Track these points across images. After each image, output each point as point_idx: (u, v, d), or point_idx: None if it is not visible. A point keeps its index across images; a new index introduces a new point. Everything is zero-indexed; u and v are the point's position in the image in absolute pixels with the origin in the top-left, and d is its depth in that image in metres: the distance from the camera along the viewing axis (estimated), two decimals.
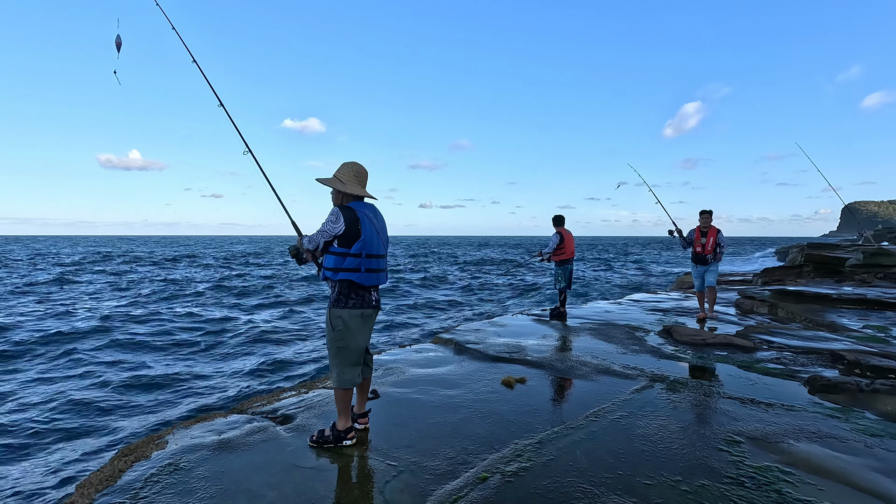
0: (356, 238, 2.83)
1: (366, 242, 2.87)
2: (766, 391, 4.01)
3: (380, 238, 2.98)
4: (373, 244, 2.91)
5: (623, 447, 2.93)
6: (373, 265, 2.93)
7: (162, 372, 8.39)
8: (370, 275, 2.92)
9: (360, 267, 2.87)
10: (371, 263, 2.91)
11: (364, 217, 2.88)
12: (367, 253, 2.88)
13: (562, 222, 7.63)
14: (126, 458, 2.84)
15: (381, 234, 3.00)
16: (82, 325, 12.23)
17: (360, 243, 2.84)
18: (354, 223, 2.83)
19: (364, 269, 2.88)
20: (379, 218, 3.04)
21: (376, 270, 2.96)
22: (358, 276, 2.87)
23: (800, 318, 7.40)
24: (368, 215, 2.92)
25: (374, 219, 2.97)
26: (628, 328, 6.67)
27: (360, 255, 2.86)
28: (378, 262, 2.97)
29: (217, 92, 3.76)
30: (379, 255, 2.97)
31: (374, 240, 2.92)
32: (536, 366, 4.76)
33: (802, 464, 2.72)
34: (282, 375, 8.29)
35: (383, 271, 3.04)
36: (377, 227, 2.96)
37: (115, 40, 3.81)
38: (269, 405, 3.71)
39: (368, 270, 2.90)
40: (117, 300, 17.44)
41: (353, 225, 2.82)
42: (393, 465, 2.71)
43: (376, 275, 2.97)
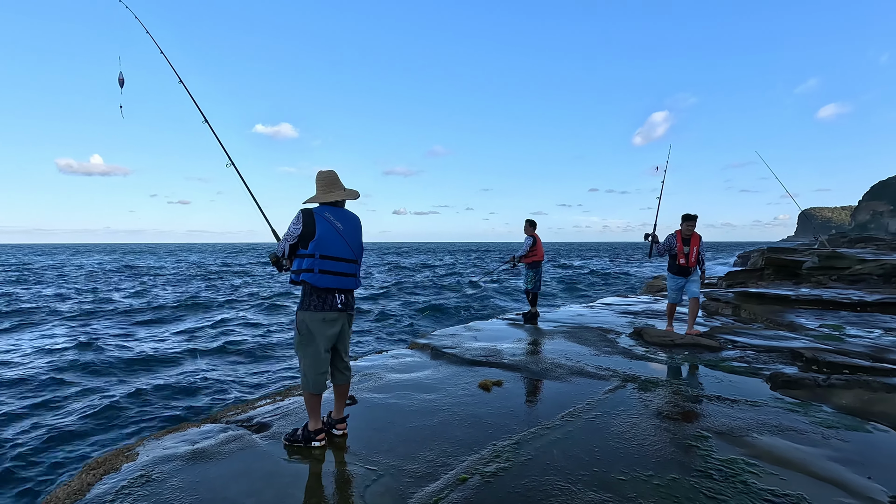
0: (311, 238, 2.85)
1: (319, 242, 2.85)
2: (731, 388, 4.18)
3: (342, 240, 2.94)
4: (329, 245, 2.88)
5: (598, 445, 3.01)
6: (330, 266, 2.88)
7: (130, 385, 8.10)
8: (326, 276, 2.88)
9: (313, 267, 2.85)
10: (327, 265, 2.88)
11: (320, 217, 2.88)
12: (322, 253, 2.86)
13: (535, 226, 7.80)
14: (94, 471, 2.75)
15: (346, 236, 2.97)
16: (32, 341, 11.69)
17: (313, 243, 2.84)
18: (310, 223, 2.85)
19: (318, 270, 2.85)
20: (346, 221, 3.00)
21: (335, 273, 2.91)
22: (311, 276, 2.85)
23: (761, 318, 7.73)
24: (328, 217, 2.90)
25: (336, 221, 2.94)
26: (601, 330, 6.83)
27: (313, 255, 2.85)
28: (338, 264, 2.92)
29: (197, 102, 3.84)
30: (340, 258, 2.93)
31: (331, 240, 2.88)
32: (512, 369, 4.83)
33: (766, 456, 2.86)
34: (258, 384, 8.12)
35: (349, 276, 2.99)
36: (339, 230, 2.92)
37: (119, 77, 4.01)
38: (244, 414, 3.65)
39: (324, 272, 2.87)
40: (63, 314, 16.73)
41: (309, 224, 2.85)
42: (373, 470, 2.71)
43: (336, 277, 2.91)
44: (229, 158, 3.61)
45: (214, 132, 3.78)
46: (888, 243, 24.10)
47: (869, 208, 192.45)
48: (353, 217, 3.09)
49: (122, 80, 4.05)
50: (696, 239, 6.38)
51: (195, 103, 3.90)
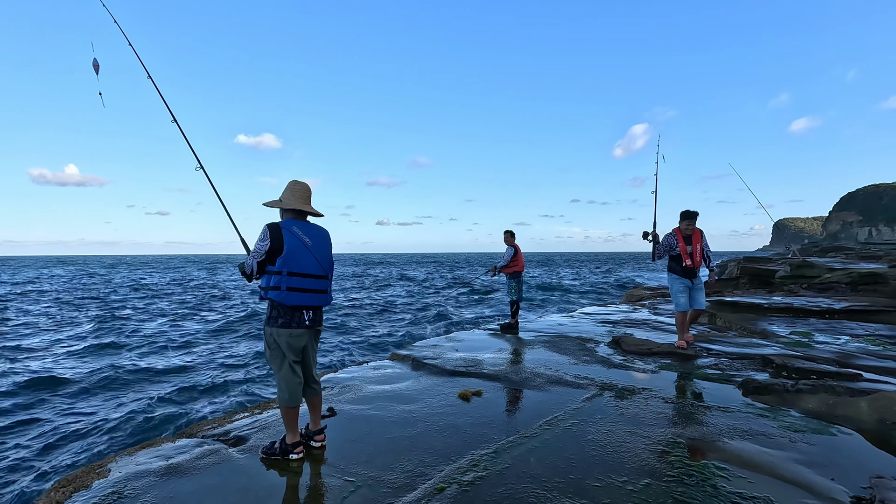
0: (279, 254, 2.78)
1: (287, 258, 2.78)
2: (705, 395, 4.28)
3: (311, 256, 2.88)
4: (297, 261, 2.82)
5: (574, 453, 3.06)
6: (297, 283, 2.83)
7: (100, 400, 7.89)
8: (294, 294, 2.82)
9: (280, 285, 2.78)
10: (295, 282, 2.81)
11: (289, 233, 2.81)
12: (290, 270, 2.79)
13: (514, 237, 7.93)
14: (64, 489, 2.69)
15: (316, 252, 2.91)
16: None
17: (280, 259, 2.77)
18: (278, 238, 2.77)
19: (285, 288, 2.79)
20: (315, 236, 2.95)
21: (304, 290, 2.85)
22: (277, 294, 2.79)
23: (736, 326, 7.92)
24: (295, 231, 2.84)
25: (304, 236, 2.87)
26: (580, 340, 6.92)
27: (280, 272, 2.78)
28: (307, 281, 2.87)
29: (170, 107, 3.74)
30: (308, 275, 2.87)
31: (299, 257, 2.82)
32: (492, 379, 4.86)
33: (735, 460, 2.94)
34: (235, 398, 7.98)
35: (318, 292, 2.94)
36: (307, 245, 2.86)
37: (93, 63, 3.87)
38: (221, 427, 3.60)
39: (291, 289, 2.81)
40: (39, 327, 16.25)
41: (277, 240, 2.77)
42: (350, 481, 2.70)
43: (304, 294, 2.86)
44: (198, 161, 3.48)
45: (183, 132, 3.67)
46: (856, 252, 24.97)
47: (839, 219, 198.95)
48: (321, 231, 3.04)
49: (96, 66, 3.90)
50: (698, 235, 5.98)
51: (164, 101, 3.75)
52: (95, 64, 3.90)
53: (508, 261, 7.80)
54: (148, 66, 3.95)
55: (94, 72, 3.91)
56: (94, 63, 3.89)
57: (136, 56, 4.00)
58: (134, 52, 4.01)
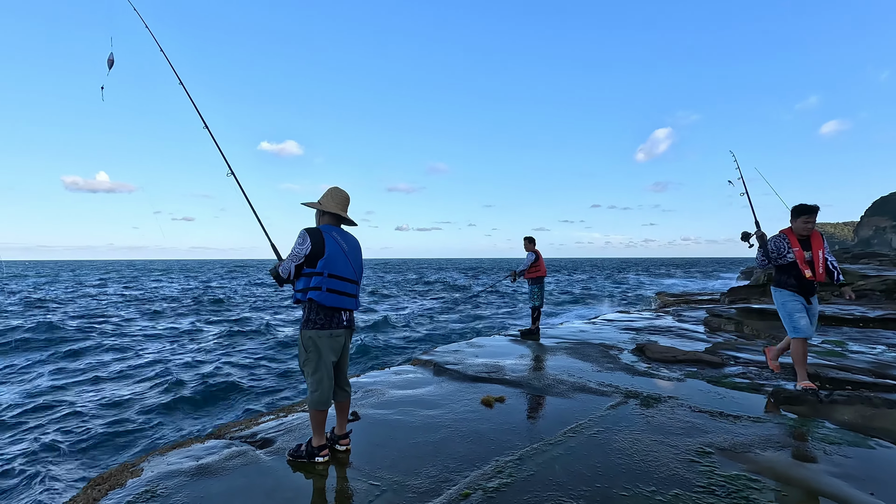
0: (320, 256, 2.88)
1: (328, 261, 2.89)
2: (733, 404, 4.18)
3: (347, 261, 2.99)
4: (337, 264, 2.93)
5: (600, 461, 3.02)
6: (336, 286, 2.93)
7: (136, 402, 8.10)
8: (333, 295, 2.92)
9: (321, 286, 2.88)
10: (334, 284, 2.92)
11: (329, 237, 2.93)
12: (330, 272, 2.90)
13: (535, 242, 7.90)
14: (100, 486, 2.77)
15: (351, 258, 3.02)
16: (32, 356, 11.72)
17: (322, 261, 2.88)
18: (319, 242, 2.88)
19: (326, 289, 2.89)
20: (350, 242, 3.07)
21: (341, 293, 2.96)
22: (319, 294, 2.88)
23: (764, 334, 7.72)
24: (335, 237, 2.96)
25: (343, 242, 3.00)
26: (602, 347, 6.83)
27: (322, 273, 2.88)
28: (344, 284, 2.97)
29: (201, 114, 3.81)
30: (345, 279, 2.97)
31: (338, 260, 2.93)
32: (515, 385, 4.84)
33: (768, 472, 2.86)
34: (260, 401, 8.11)
35: (351, 296, 3.04)
36: (345, 250, 2.98)
37: (108, 58, 3.87)
38: (248, 430, 3.67)
39: (331, 290, 2.91)
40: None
41: (317, 244, 2.87)
42: (376, 485, 2.72)
43: (341, 297, 2.96)
44: (229, 167, 3.57)
45: (214, 139, 3.74)
46: (891, 259, 24.08)
47: (871, 224, 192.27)
48: (354, 239, 3.16)
49: (111, 62, 3.89)
50: (819, 239, 4.40)
51: (195, 107, 3.79)
52: (111, 59, 3.89)
53: (529, 266, 7.77)
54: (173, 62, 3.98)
55: (108, 66, 3.90)
56: (109, 58, 3.89)
57: (168, 62, 4.01)
58: (166, 59, 4.01)
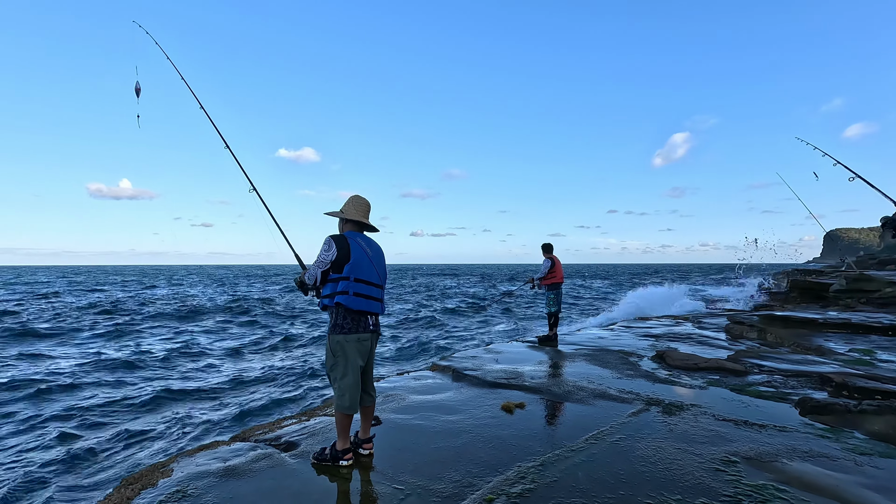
0: (346, 261, 2.96)
1: (354, 266, 2.96)
2: (758, 413, 4.12)
3: (372, 266, 3.07)
4: (362, 269, 3.00)
5: (623, 469, 3.00)
6: (363, 290, 3.00)
7: (160, 406, 8.27)
8: (360, 300, 2.99)
9: (348, 290, 2.95)
10: (361, 288, 2.99)
11: (354, 243, 3.00)
12: (356, 277, 2.97)
13: (551, 249, 7.89)
14: (132, 486, 2.85)
15: (375, 263, 3.10)
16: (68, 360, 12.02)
17: (348, 266, 2.95)
18: (345, 248, 2.96)
19: (353, 293, 2.96)
20: (374, 248, 3.14)
21: (368, 297, 3.03)
22: (346, 298, 2.95)
23: (788, 342, 7.57)
24: (360, 242, 3.04)
25: (367, 247, 3.07)
26: (622, 353, 6.78)
27: (348, 278, 2.95)
28: (370, 289, 3.04)
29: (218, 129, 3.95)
30: (371, 283, 3.05)
31: (364, 265, 3.01)
32: (534, 391, 4.83)
33: (796, 482, 2.81)
34: (282, 406, 8.21)
35: (377, 300, 3.11)
36: (369, 256, 3.06)
37: (135, 86, 4.10)
38: (272, 433, 3.73)
39: (358, 295, 2.98)
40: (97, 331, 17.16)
41: (343, 249, 2.95)
42: (399, 489, 2.75)
43: (368, 301, 3.03)
44: (251, 184, 3.69)
45: (236, 158, 3.86)
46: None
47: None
48: (377, 245, 3.23)
49: (138, 90, 4.14)
50: None
51: (216, 130, 3.95)
52: (137, 87, 4.15)
53: (546, 272, 7.76)
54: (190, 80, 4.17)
55: (136, 95, 4.16)
56: (136, 86, 4.14)
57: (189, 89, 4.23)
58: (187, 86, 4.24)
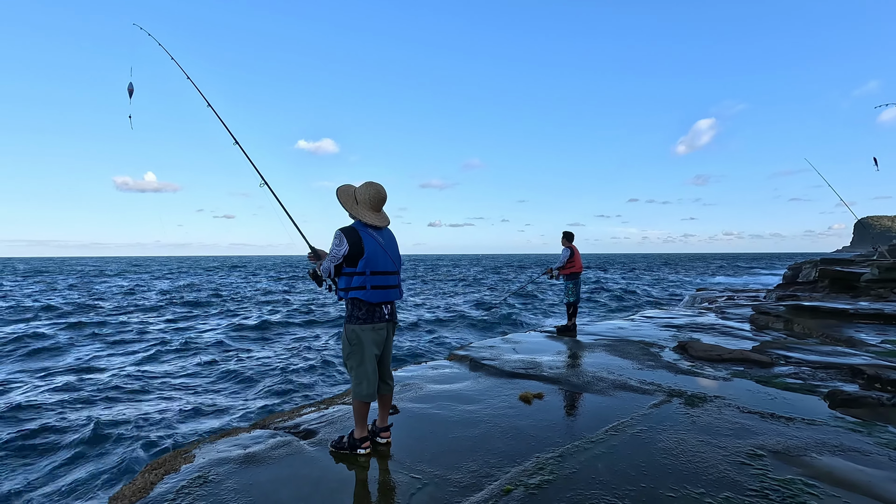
0: (360, 256, 2.92)
1: (369, 259, 2.94)
2: (785, 405, 4.00)
3: (386, 254, 3.03)
4: (377, 261, 2.97)
5: (644, 461, 2.95)
6: (379, 282, 2.98)
7: (183, 394, 8.48)
8: (377, 291, 2.98)
9: (365, 284, 2.94)
10: (377, 280, 2.97)
11: (366, 235, 2.96)
12: (372, 270, 2.95)
13: (572, 238, 7.76)
14: (156, 471, 2.90)
15: (389, 250, 3.07)
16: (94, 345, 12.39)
17: (363, 261, 2.92)
18: (357, 242, 2.92)
19: (370, 287, 2.95)
20: (385, 236, 3.09)
21: (384, 287, 3.02)
22: (364, 293, 2.94)
23: (816, 333, 7.34)
24: (371, 233, 2.99)
25: (379, 236, 3.03)
26: (643, 344, 6.66)
27: (364, 272, 2.93)
28: (386, 278, 3.02)
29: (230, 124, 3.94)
30: (386, 272, 3.02)
31: (378, 256, 2.98)
32: (553, 381, 4.78)
33: (826, 477, 2.72)
34: (301, 394, 8.34)
35: (393, 287, 3.09)
36: (382, 245, 3.02)
37: (128, 87, 3.99)
38: (291, 420, 3.77)
39: (375, 287, 2.97)
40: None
41: (356, 244, 2.91)
42: (417, 478, 2.74)
43: (384, 291, 3.02)
44: (262, 179, 3.65)
45: (246, 154, 3.85)
46: None
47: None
48: (388, 231, 3.19)
49: (131, 90, 4.00)
50: None
51: (225, 126, 3.91)
52: (130, 88, 4.02)
53: (565, 262, 7.65)
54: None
55: (129, 95, 4.03)
56: (129, 87, 4.01)
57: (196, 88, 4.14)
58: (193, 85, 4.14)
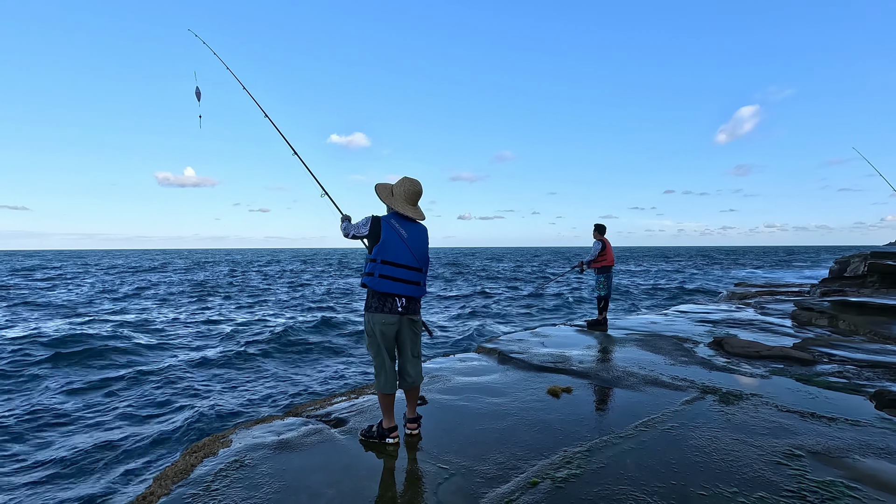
0: (376, 242, 3.00)
1: (382, 247, 2.97)
2: (827, 405, 3.84)
3: (405, 247, 3.02)
4: (392, 251, 2.99)
5: (675, 458, 2.89)
6: (389, 272, 2.98)
7: (220, 381, 8.82)
8: (385, 281, 2.98)
9: (374, 272, 2.98)
10: (387, 270, 2.98)
11: (388, 225, 3.00)
12: (384, 259, 2.97)
13: (604, 231, 7.62)
14: (196, 454, 3.05)
15: (410, 244, 3.04)
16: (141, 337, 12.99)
17: (377, 247, 2.98)
18: (376, 228, 3.01)
19: (378, 275, 2.97)
20: (411, 229, 3.08)
21: (395, 279, 3.00)
22: (371, 280, 2.99)
23: (863, 330, 7.00)
24: (394, 225, 3.02)
25: (402, 228, 3.03)
26: (676, 339, 6.51)
27: (375, 259, 2.99)
28: (398, 270, 3.00)
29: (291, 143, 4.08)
30: (400, 265, 3.01)
31: (394, 247, 2.99)
32: (582, 376, 4.74)
33: (869, 480, 2.61)
34: (333, 383, 8.55)
35: (407, 282, 3.05)
36: (403, 237, 3.02)
37: (195, 91, 4.36)
38: (323, 409, 3.87)
39: (384, 276, 2.98)
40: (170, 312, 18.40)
41: (374, 230, 3.01)
42: (444, 469, 2.78)
43: (394, 283, 3.00)
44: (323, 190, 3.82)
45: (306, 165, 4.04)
46: None
47: None
48: (420, 226, 3.17)
49: (198, 93, 4.37)
50: None
51: (284, 139, 4.07)
52: (198, 91, 4.38)
53: (596, 255, 7.52)
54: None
55: (197, 98, 4.40)
56: (196, 91, 4.38)
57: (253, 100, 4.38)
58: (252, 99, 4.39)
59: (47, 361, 9.87)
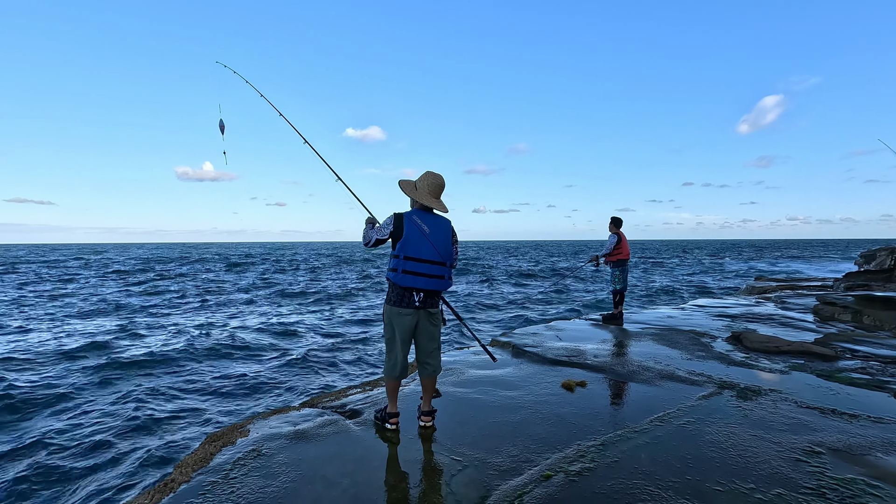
0: (399, 239, 3.05)
1: (404, 243, 3.03)
2: (849, 402, 3.76)
3: (427, 242, 3.05)
4: (414, 247, 3.03)
5: (690, 453, 2.87)
6: (412, 267, 3.03)
7: (238, 372, 8.99)
8: (408, 276, 3.04)
9: (398, 267, 3.04)
10: (410, 265, 3.03)
11: (410, 221, 3.05)
12: (406, 255, 3.03)
13: (620, 224, 7.53)
14: (215, 443, 3.12)
15: (433, 239, 3.07)
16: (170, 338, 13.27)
17: (400, 243, 3.04)
18: (399, 226, 3.06)
19: (401, 270, 3.04)
20: (433, 224, 3.11)
21: (417, 273, 3.04)
22: (394, 275, 3.06)
23: (889, 325, 6.82)
24: (416, 220, 3.06)
25: (424, 224, 3.07)
26: (693, 334, 6.42)
27: (398, 255, 3.04)
28: (421, 265, 3.04)
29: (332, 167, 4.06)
30: (422, 260, 3.05)
31: (416, 243, 3.03)
32: (597, 370, 4.71)
33: (892, 478, 2.55)
34: (348, 375, 8.65)
35: (428, 276, 3.07)
36: (425, 232, 3.05)
37: (219, 124, 4.17)
38: (338, 400, 3.92)
39: (406, 272, 3.03)
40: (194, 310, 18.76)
41: (398, 227, 3.06)
42: (458, 461, 2.80)
43: (415, 277, 3.04)
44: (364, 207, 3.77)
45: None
46: None
47: None
48: (442, 221, 3.18)
49: (222, 127, 4.16)
50: None
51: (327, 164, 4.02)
52: (222, 125, 4.18)
53: (611, 249, 7.44)
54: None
55: (221, 132, 4.19)
56: (220, 124, 4.17)
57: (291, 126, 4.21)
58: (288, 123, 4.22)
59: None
